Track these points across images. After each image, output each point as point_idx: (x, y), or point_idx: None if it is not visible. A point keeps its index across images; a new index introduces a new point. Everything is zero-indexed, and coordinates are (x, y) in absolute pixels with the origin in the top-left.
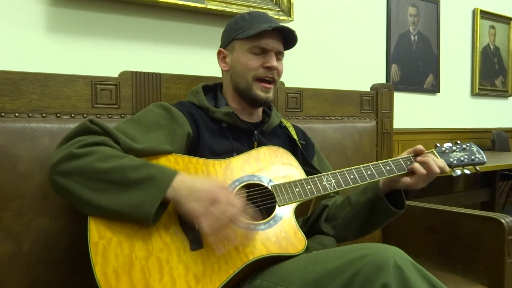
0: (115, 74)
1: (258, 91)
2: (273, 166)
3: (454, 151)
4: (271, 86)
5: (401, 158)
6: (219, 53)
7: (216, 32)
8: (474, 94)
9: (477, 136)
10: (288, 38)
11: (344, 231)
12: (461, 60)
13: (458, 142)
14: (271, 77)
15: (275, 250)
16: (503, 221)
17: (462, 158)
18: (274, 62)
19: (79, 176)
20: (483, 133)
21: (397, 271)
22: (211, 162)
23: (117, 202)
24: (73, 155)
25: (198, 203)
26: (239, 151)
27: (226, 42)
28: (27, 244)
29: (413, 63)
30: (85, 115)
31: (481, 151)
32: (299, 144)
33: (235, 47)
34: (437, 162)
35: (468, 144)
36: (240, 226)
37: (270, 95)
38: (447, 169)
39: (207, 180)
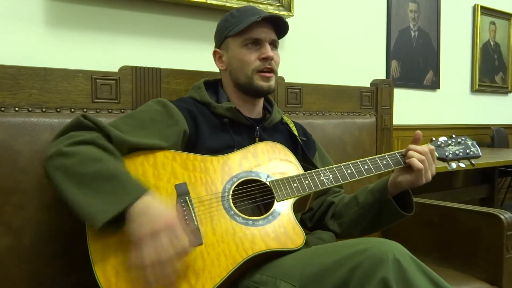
0: (115, 69)
1: (260, 81)
2: (271, 161)
3: (449, 145)
4: (271, 74)
5: (397, 152)
6: (214, 53)
7: None
8: (474, 90)
9: (477, 132)
10: (279, 27)
11: (350, 229)
12: (461, 56)
13: (453, 136)
14: (269, 67)
15: (274, 246)
16: (502, 217)
17: (457, 152)
18: (269, 52)
19: (61, 173)
20: (483, 129)
21: (396, 265)
22: (209, 158)
23: (79, 201)
24: (61, 152)
25: (147, 225)
26: (240, 147)
27: (220, 42)
28: (28, 238)
29: (413, 59)
30: (85, 110)
31: (476, 145)
32: (300, 140)
33: (229, 45)
34: (423, 151)
35: (463, 138)
36: (164, 272)
37: (272, 83)
38: (432, 147)
39: (164, 210)
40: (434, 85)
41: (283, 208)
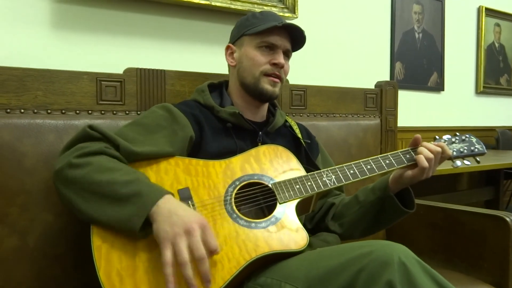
0: (119, 70)
1: (266, 84)
2: (273, 164)
3: (453, 142)
4: (278, 80)
5: (400, 152)
6: (227, 48)
7: (221, 29)
8: (478, 92)
9: (482, 134)
10: (297, 38)
11: (351, 229)
12: (466, 58)
13: (457, 133)
14: (277, 74)
15: (277, 247)
16: (507, 219)
17: (461, 150)
18: (281, 59)
19: (75, 186)
20: (488, 131)
21: (402, 267)
22: (211, 163)
23: (105, 214)
24: (72, 164)
25: (170, 228)
26: (243, 151)
27: (235, 38)
28: (32, 239)
29: (418, 61)
30: (89, 111)
31: (481, 142)
32: (303, 143)
33: (244, 43)
34: (434, 150)
35: (467, 136)
36: (202, 269)
37: (277, 90)
38: (444, 146)
39: (193, 211)
40: (439, 87)
41: (286, 210)
